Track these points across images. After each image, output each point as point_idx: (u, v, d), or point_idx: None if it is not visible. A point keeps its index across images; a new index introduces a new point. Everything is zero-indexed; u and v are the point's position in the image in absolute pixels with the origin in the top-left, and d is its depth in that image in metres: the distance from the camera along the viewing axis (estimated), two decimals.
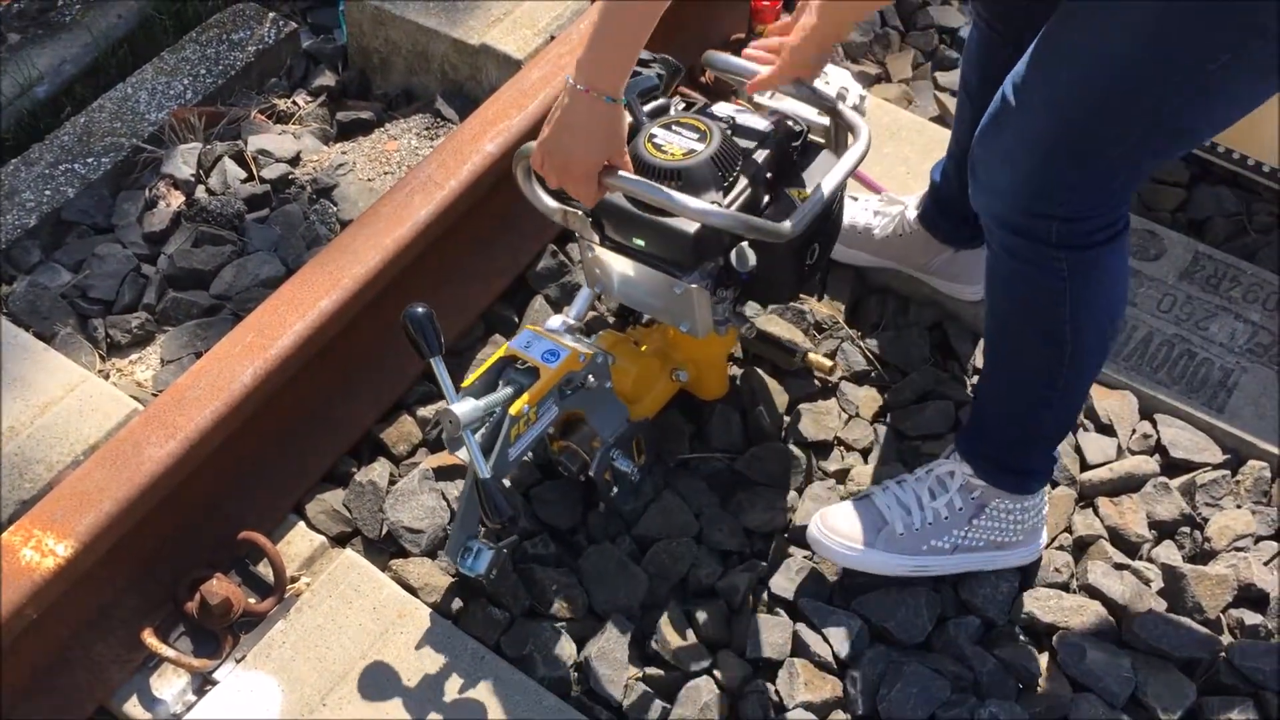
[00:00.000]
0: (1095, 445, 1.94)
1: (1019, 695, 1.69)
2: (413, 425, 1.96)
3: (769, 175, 1.67)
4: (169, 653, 1.68)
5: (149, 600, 1.72)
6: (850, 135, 1.69)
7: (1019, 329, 1.62)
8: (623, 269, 1.76)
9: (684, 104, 1.77)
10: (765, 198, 1.67)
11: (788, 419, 1.95)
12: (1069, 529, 1.86)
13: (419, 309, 1.57)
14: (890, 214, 2.07)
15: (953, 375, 2.02)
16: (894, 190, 2.15)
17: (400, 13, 2.48)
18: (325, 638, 1.71)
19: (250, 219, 2.26)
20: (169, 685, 1.69)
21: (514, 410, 1.60)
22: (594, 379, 1.72)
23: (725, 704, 1.68)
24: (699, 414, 1.94)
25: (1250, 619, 1.74)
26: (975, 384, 1.99)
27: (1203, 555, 1.83)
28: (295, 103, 2.54)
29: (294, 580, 1.77)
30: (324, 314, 1.82)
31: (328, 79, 2.59)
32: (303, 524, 1.84)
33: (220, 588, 1.70)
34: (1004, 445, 1.72)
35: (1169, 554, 1.83)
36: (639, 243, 1.68)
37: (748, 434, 1.93)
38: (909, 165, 2.27)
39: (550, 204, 1.76)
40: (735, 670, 1.70)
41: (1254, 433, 1.94)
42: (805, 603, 1.75)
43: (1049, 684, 1.70)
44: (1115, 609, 1.75)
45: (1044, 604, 1.75)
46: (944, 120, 2.41)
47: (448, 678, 1.67)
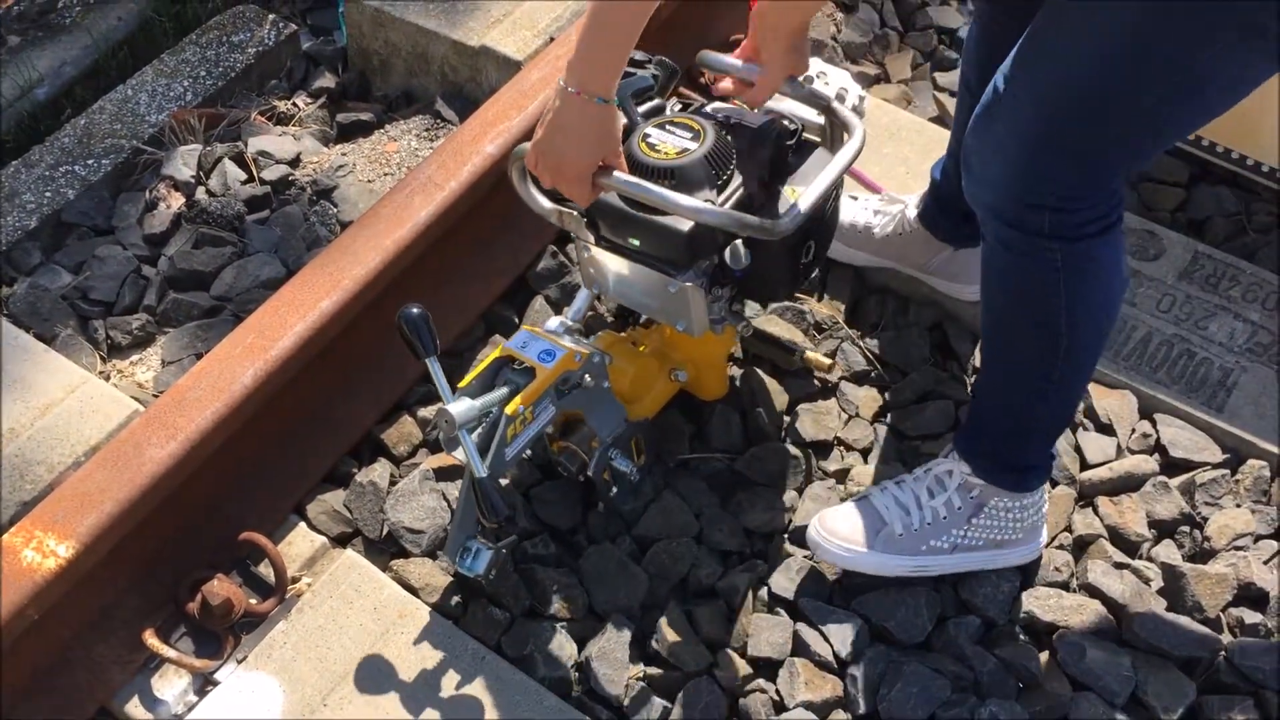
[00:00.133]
0: (1095, 445, 1.94)
1: (1019, 694, 1.70)
2: (413, 426, 1.96)
3: (763, 174, 1.67)
4: (170, 653, 1.68)
5: (150, 601, 1.72)
6: (845, 133, 1.69)
7: (1014, 321, 1.62)
8: (619, 269, 1.76)
9: (681, 105, 1.78)
10: (759, 196, 1.68)
11: (787, 419, 1.95)
12: (1069, 528, 1.86)
13: (414, 310, 1.57)
14: (890, 213, 2.07)
15: (952, 375, 2.02)
16: (893, 190, 2.15)
17: (400, 14, 2.49)
18: (326, 638, 1.71)
19: (250, 220, 2.26)
20: (170, 686, 1.69)
21: (510, 410, 1.61)
22: (591, 379, 1.72)
23: (725, 703, 1.68)
24: (699, 414, 1.94)
25: (1250, 618, 1.75)
26: (973, 382, 1.99)
27: (1202, 554, 1.83)
28: (295, 104, 2.54)
29: (295, 581, 1.77)
30: (324, 315, 1.82)
31: (328, 81, 2.59)
32: (303, 525, 1.84)
33: (221, 588, 1.70)
34: (1001, 440, 1.72)
35: (1169, 553, 1.83)
36: (634, 242, 1.69)
37: (747, 434, 1.94)
38: (908, 165, 2.28)
39: (545, 204, 1.76)
40: (735, 670, 1.70)
41: (1253, 432, 1.94)
42: (805, 602, 1.75)
43: (1049, 683, 1.70)
44: (1115, 608, 1.75)
45: (1044, 603, 1.75)
46: (943, 121, 2.41)
47: (448, 677, 1.67)
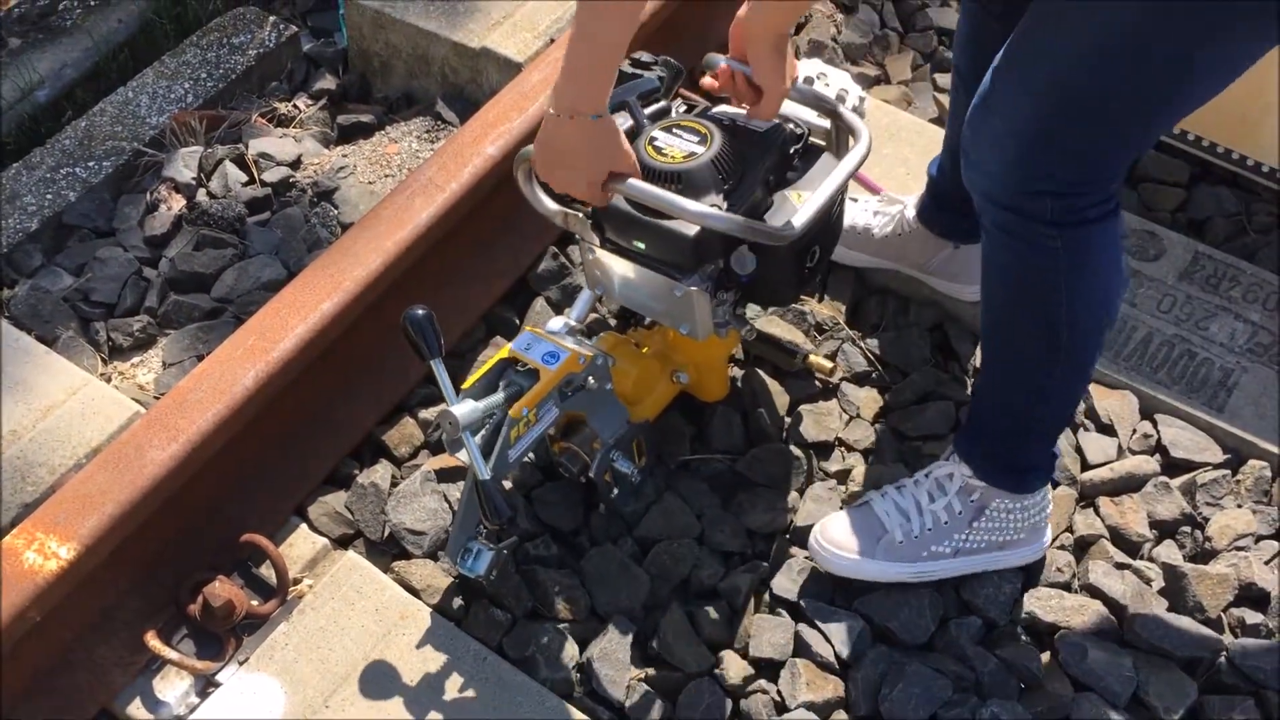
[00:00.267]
0: (1096, 445, 1.94)
1: (1021, 695, 1.70)
2: (414, 427, 1.96)
3: (769, 178, 1.67)
4: (172, 655, 1.68)
5: (151, 603, 1.72)
6: (851, 138, 1.69)
7: (1013, 315, 1.62)
8: (623, 271, 1.76)
9: (686, 106, 1.78)
10: (766, 201, 1.68)
11: (789, 420, 1.96)
12: (1070, 529, 1.86)
13: (419, 311, 1.57)
14: (889, 214, 2.07)
15: (953, 376, 2.02)
16: (894, 191, 2.15)
17: (400, 16, 2.49)
18: (328, 639, 1.71)
19: (251, 222, 2.26)
20: (172, 687, 1.69)
21: (513, 412, 1.60)
22: (594, 380, 1.72)
23: (727, 704, 1.68)
24: (700, 415, 1.94)
25: (1251, 618, 1.75)
26: (973, 383, 1.99)
27: (1203, 555, 1.83)
28: (296, 106, 2.54)
29: (296, 582, 1.77)
30: (325, 316, 1.82)
31: (328, 82, 2.59)
32: (305, 526, 1.84)
33: (223, 590, 1.70)
34: (1000, 440, 1.71)
35: (1170, 553, 1.83)
36: (639, 245, 1.69)
37: (749, 435, 1.94)
38: (908, 166, 2.28)
39: (551, 206, 1.76)
40: (737, 671, 1.70)
41: (1254, 432, 1.94)
42: (807, 603, 1.75)
43: (1051, 684, 1.70)
44: (1116, 608, 1.75)
45: (1045, 604, 1.76)
46: (943, 121, 2.41)
47: (450, 679, 1.67)
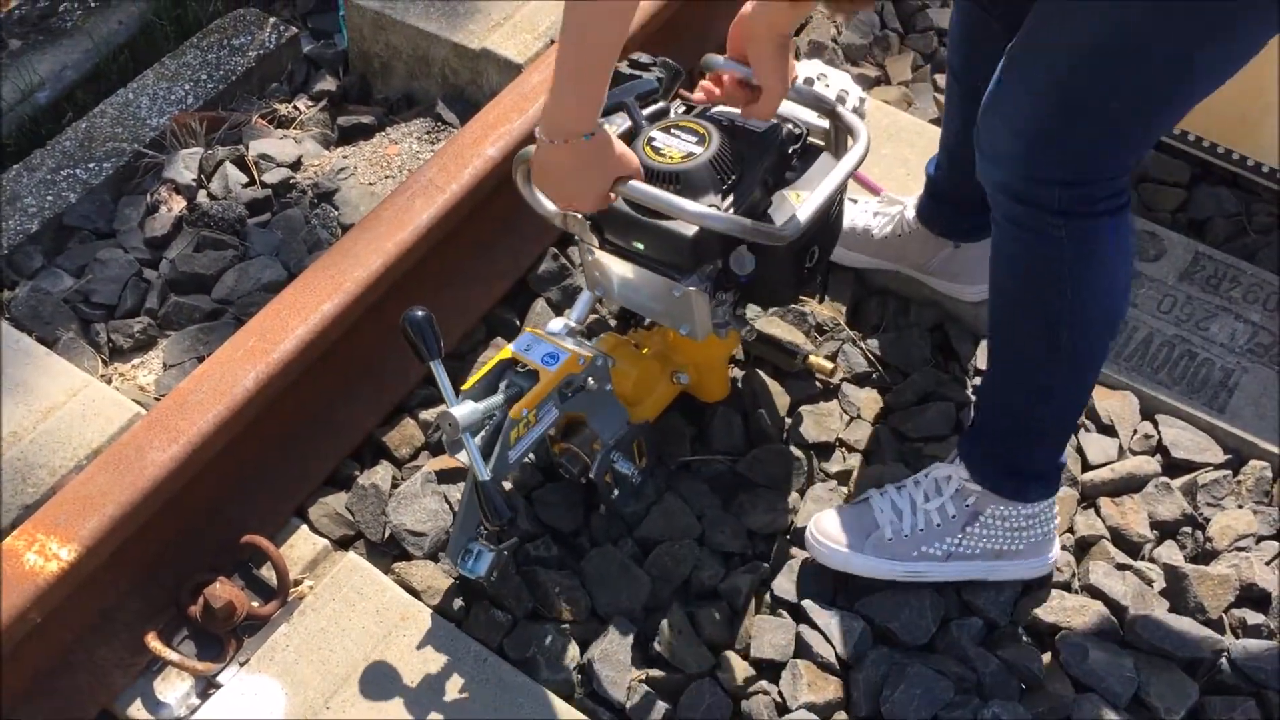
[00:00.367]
0: (1097, 445, 1.94)
1: (1022, 696, 1.69)
2: (415, 428, 1.96)
3: (768, 178, 1.67)
4: (172, 656, 1.68)
5: (152, 604, 1.72)
6: (849, 138, 1.69)
7: (1018, 310, 1.61)
8: (622, 272, 1.76)
9: (684, 107, 1.78)
10: (764, 201, 1.68)
11: (789, 421, 1.96)
12: (1071, 529, 1.86)
13: (418, 312, 1.57)
14: (889, 214, 2.07)
15: (954, 376, 2.02)
16: (894, 192, 2.15)
17: (401, 17, 2.49)
18: (328, 640, 1.71)
19: (252, 223, 2.26)
20: (172, 689, 1.69)
21: (513, 413, 1.61)
22: (594, 381, 1.72)
23: (728, 705, 1.68)
24: (700, 416, 1.94)
25: (1252, 619, 1.75)
26: (977, 385, 1.99)
27: (1204, 555, 1.83)
28: (296, 107, 2.54)
29: (297, 583, 1.77)
30: (326, 317, 1.82)
31: (329, 84, 2.59)
32: (305, 527, 1.84)
33: (223, 591, 1.70)
34: (1000, 441, 1.71)
35: (1171, 554, 1.83)
36: (638, 246, 1.69)
37: (749, 436, 1.94)
38: (908, 167, 2.28)
39: (550, 208, 1.76)
40: (738, 672, 1.70)
41: (1255, 433, 1.94)
42: (808, 604, 1.75)
43: (1052, 684, 1.70)
44: (1117, 609, 1.75)
45: (1046, 604, 1.75)
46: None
47: (451, 680, 1.67)
